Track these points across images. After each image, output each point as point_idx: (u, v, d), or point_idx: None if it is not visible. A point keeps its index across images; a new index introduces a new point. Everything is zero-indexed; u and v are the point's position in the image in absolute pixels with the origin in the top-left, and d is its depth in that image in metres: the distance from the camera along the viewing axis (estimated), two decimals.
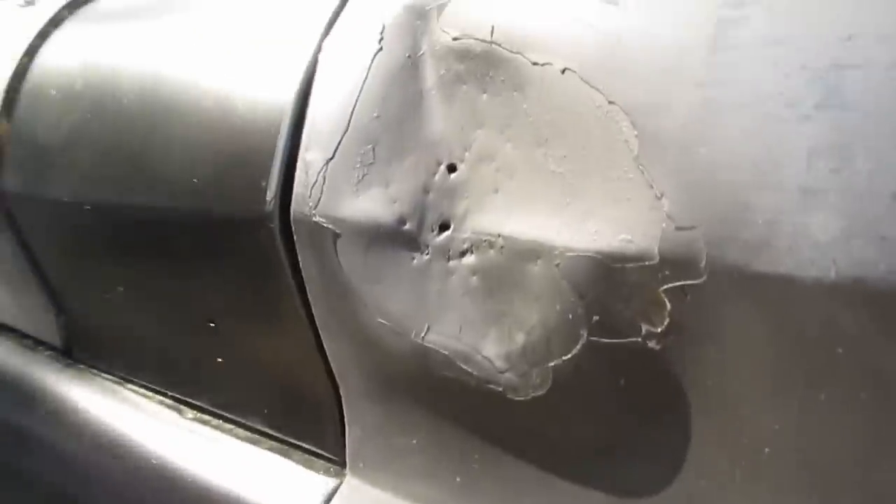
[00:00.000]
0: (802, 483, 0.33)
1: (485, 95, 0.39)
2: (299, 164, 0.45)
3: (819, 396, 0.30)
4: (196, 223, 0.54)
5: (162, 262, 0.61)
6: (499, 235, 0.38)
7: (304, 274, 0.47)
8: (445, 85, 0.40)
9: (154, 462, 0.66)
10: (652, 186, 0.31)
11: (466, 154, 0.40)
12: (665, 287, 0.32)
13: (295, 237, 0.46)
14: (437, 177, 0.41)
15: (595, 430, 0.39)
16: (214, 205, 0.52)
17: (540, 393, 0.38)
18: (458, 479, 0.47)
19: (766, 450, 0.33)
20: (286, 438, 0.60)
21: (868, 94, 0.27)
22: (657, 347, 0.34)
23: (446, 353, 0.41)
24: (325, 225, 0.44)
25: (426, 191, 0.41)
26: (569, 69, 0.34)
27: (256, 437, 0.62)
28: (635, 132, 0.32)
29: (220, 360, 0.62)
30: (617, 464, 0.39)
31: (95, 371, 0.79)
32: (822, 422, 0.31)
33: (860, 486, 0.31)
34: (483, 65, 0.38)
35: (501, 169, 0.38)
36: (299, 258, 0.47)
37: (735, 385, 0.33)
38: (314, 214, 0.44)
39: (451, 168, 0.41)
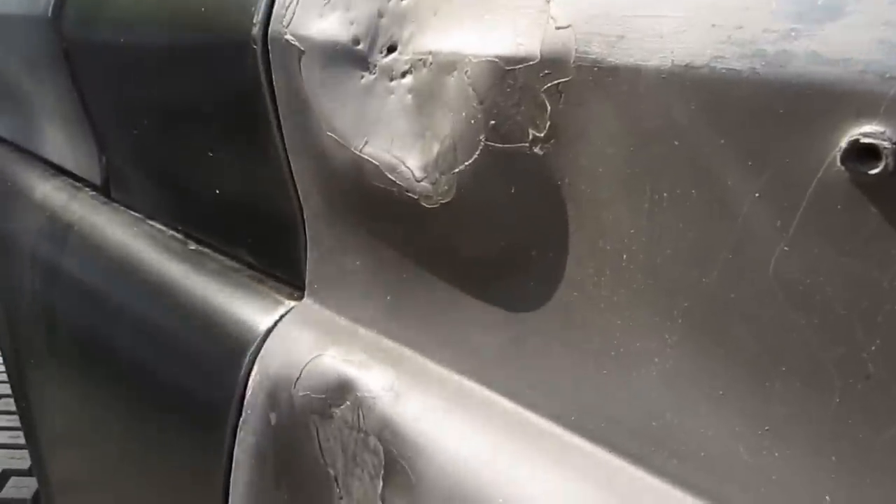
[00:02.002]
0: (650, 289, 0.35)
1: None
2: None
3: (662, 195, 0.33)
4: (200, 51, 0.60)
5: (174, 96, 0.67)
6: (430, 53, 0.42)
7: (276, 93, 0.52)
8: None
9: (156, 280, 0.74)
10: None
11: None
12: (545, 87, 0.35)
13: (270, 57, 0.51)
14: (391, 3, 0.45)
15: (492, 242, 0.42)
16: (215, 32, 0.57)
17: (446, 200, 0.42)
18: (388, 298, 0.52)
19: (624, 256, 0.36)
20: (263, 267, 0.66)
21: None
22: (541, 153, 0.37)
23: (377, 163, 0.45)
24: (293, 42, 0.49)
25: (380, 15, 0.45)
26: None
27: (239, 266, 0.69)
28: None
29: (217, 191, 0.68)
30: (510, 279, 0.43)
31: (125, 208, 0.87)
32: (664, 223, 0.33)
33: (694, 288, 0.33)
34: None
35: None
36: (273, 78, 0.52)
37: (600, 190, 0.35)
38: (286, 33, 0.49)
39: None
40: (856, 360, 0.29)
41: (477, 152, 0.39)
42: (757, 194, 0.29)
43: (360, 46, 0.46)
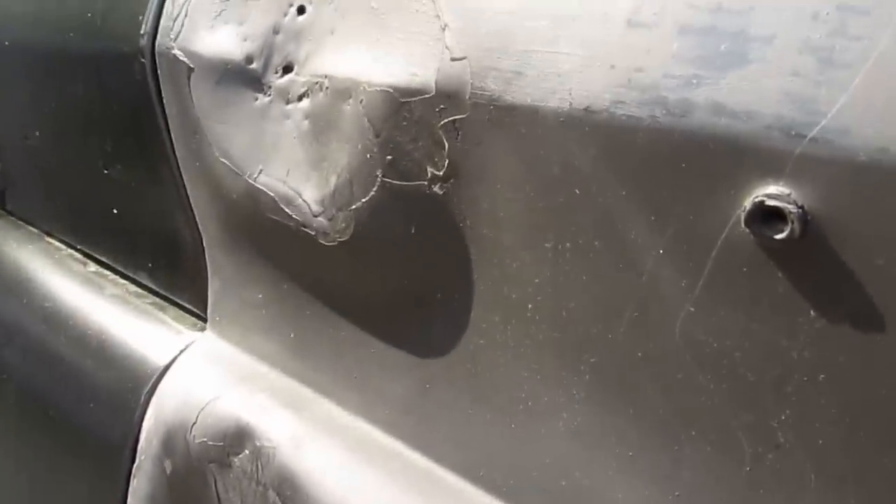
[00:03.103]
0: (557, 341, 0.33)
1: None
2: None
3: (566, 244, 0.30)
4: (88, 60, 0.54)
5: (65, 107, 0.62)
6: (326, 76, 0.38)
7: (167, 112, 0.47)
8: None
9: (52, 305, 0.68)
10: (439, 17, 0.31)
11: None
12: (441, 122, 0.32)
13: (159, 72, 0.46)
14: (286, 18, 0.41)
15: (395, 283, 0.39)
16: (103, 41, 0.52)
17: (344, 238, 0.39)
18: (292, 335, 0.48)
19: (529, 305, 0.33)
20: (165, 293, 0.61)
21: None
22: (440, 192, 0.34)
23: (273, 195, 0.41)
24: (181, 59, 0.44)
25: (276, 31, 0.41)
26: None
27: (141, 291, 0.64)
28: None
29: (115, 210, 0.63)
30: (416, 322, 0.39)
31: (22, 222, 0.81)
32: (568, 274, 0.31)
33: (601, 344, 0.31)
34: None
35: (338, 9, 0.38)
36: (163, 95, 0.47)
37: (504, 235, 0.33)
38: (173, 47, 0.44)
39: (301, 10, 0.41)
40: (766, 429, 0.27)
41: (374, 188, 0.36)
42: (661, 251, 0.27)
43: (254, 65, 0.42)
